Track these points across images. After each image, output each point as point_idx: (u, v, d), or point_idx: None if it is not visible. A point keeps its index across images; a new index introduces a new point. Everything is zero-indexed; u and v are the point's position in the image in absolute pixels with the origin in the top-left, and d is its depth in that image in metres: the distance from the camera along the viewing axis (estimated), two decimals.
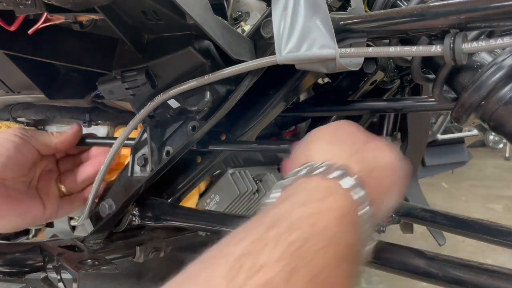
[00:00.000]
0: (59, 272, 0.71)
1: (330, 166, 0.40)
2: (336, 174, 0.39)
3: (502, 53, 0.46)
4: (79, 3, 0.43)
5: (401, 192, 0.48)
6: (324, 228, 0.34)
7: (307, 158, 0.44)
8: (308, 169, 0.40)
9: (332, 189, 0.38)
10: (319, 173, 0.39)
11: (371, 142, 0.47)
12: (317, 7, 0.48)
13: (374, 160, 0.44)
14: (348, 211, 0.37)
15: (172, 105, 0.65)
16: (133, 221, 0.75)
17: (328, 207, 0.36)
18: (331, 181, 0.39)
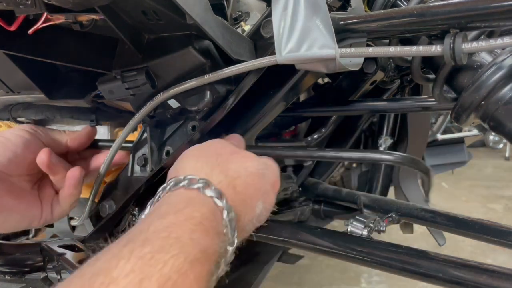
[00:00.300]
0: (59, 272, 0.71)
1: (192, 179, 0.44)
2: (197, 185, 0.43)
3: (502, 53, 0.46)
4: (79, 3, 0.43)
5: (270, 196, 0.52)
6: (177, 238, 0.36)
7: (175, 173, 0.48)
8: (173, 183, 0.44)
9: (194, 199, 0.42)
10: (182, 185, 0.44)
11: (237, 154, 0.52)
12: (317, 7, 0.48)
13: (237, 170, 0.49)
14: (207, 217, 0.41)
15: (172, 105, 0.65)
16: (133, 221, 0.75)
17: (185, 218, 0.39)
18: (193, 191, 0.43)
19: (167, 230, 0.37)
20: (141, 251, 0.34)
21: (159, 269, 0.33)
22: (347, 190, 0.86)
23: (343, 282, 1.82)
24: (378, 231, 0.60)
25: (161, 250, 0.34)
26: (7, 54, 0.62)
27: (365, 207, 0.73)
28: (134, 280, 0.31)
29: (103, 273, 0.32)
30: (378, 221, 0.60)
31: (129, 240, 0.36)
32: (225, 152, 0.51)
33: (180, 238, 0.37)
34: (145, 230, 0.37)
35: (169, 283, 0.32)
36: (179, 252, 0.35)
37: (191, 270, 0.35)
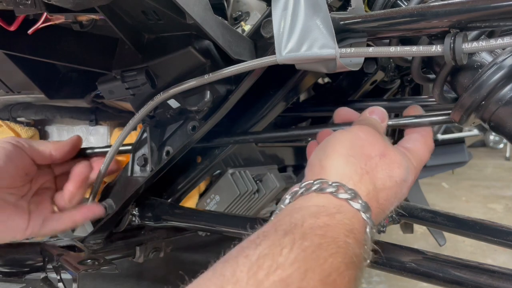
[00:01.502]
0: (59, 272, 0.71)
1: (341, 187, 0.43)
2: (345, 196, 0.42)
3: (502, 53, 0.45)
4: (79, 3, 0.43)
5: (404, 196, 0.51)
6: (334, 238, 0.37)
7: (321, 171, 0.47)
8: (319, 185, 0.44)
9: (342, 207, 0.42)
10: (329, 192, 0.43)
11: (386, 158, 0.48)
12: (317, 7, 0.48)
13: (385, 179, 0.47)
14: (355, 227, 0.41)
15: (172, 105, 0.65)
16: (133, 221, 0.75)
17: (337, 222, 0.40)
18: (341, 201, 0.42)
19: (322, 229, 0.38)
20: (302, 244, 0.35)
21: (320, 264, 0.34)
22: None
23: None
24: (378, 231, 0.60)
25: (320, 247, 0.35)
26: (7, 54, 0.62)
27: None
28: (299, 270, 0.33)
29: (269, 257, 0.33)
30: None
31: (287, 231, 0.37)
32: (375, 153, 0.48)
33: (336, 239, 0.37)
34: (300, 225, 0.38)
35: (329, 279, 0.34)
36: (337, 252, 0.36)
37: (346, 271, 0.36)
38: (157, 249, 0.87)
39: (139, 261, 0.85)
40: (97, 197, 0.76)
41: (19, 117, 0.86)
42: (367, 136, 0.50)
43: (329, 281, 0.34)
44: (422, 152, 0.54)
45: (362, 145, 0.49)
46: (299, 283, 0.32)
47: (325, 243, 0.36)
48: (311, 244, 0.35)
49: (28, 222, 0.64)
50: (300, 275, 0.32)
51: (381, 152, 0.49)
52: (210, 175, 0.82)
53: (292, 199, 0.44)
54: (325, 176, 0.45)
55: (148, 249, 0.85)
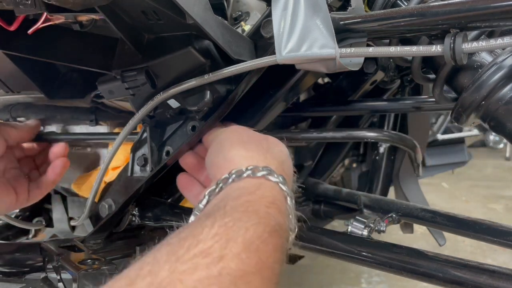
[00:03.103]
0: (59, 272, 0.71)
1: (256, 168, 0.45)
2: (262, 173, 0.45)
3: (502, 53, 0.46)
4: (79, 3, 0.43)
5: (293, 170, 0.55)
6: (255, 211, 0.39)
7: (228, 164, 0.49)
8: (235, 175, 0.45)
9: (261, 184, 0.44)
10: (247, 175, 0.45)
11: (270, 139, 0.54)
12: (317, 7, 0.48)
13: (280, 154, 0.52)
14: (277, 198, 0.43)
15: (172, 105, 0.65)
16: (133, 221, 0.75)
17: (259, 196, 0.42)
18: (260, 179, 0.45)
19: (243, 205, 0.39)
20: (222, 220, 0.36)
21: (242, 233, 0.35)
22: (347, 190, 0.86)
23: (343, 282, 1.82)
24: (378, 231, 0.60)
25: (241, 219, 0.37)
26: (7, 54, 0.62)
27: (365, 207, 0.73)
28: (220, 240, 0.34)
29: (190, 237, 0.34)
30: (378, 221, 0.60)
31: (209, 215, 0.38)
32: (260, 138, 0.53)
33: (257, 211, 0.39)
34: (222, 208, 0.39)
35: (253, 246, 0.35)
36: (258, 222, 0.37)
37: (270, 239, 0.37)
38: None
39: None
40: (97, 197, 0.76)
41: (19, 117, 0.86)
42: (244, 129, 0.56)
43: (252, 248, 0.34)
44: None
45: (247, 134, 0.54)
46: (220, 251, 0.33)
47: (245, 216, 0.37)
48: (232, 219, 0.37)
49: (16, 193, 0.71)
50: (221, 245, 0.33)
51: (263, 137, 0.54)
52: None
53: (211, 197, 0.45)
54: (236, 165, 0.47)
55: (148, 249, 0.85)
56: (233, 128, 0.57)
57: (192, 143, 0.65)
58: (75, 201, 0.99)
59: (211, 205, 0.43)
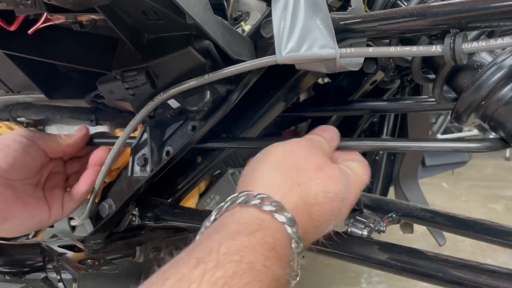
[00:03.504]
0: (59, 272, 0.71)
1: (267, 198, 0.41)
2: (269, 208, 0.40)
3: (502, 53, 0.46)
4: (79, 3, 0.43)
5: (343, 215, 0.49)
6: (250, 263, 0.35)
7: (250, 182, 0.44)
8: (244, 198, 0.41)
9: (264, 222, 0.39)
10: (253, 204, 0.40)
11: (322, 172, 0.46)
12: (317, 7, 0.48)
13: (318, 193, 0.44)
14: (278, 244, 0.38)
15: (172, 105, 0.65)
16: (133, 221, 0.75)
17: (257, 241, 0.37)
18: (265, 214, 0.40)
19: (239, 253, 0.35)
20: (213, 275, 0.32)
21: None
22: None
23: (343, 282, 1.82)
24: (378, 231, 0.60)
25: (234, 277, 0.33)
26: (7, 54, 0.62)
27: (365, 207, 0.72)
28: None
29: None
30: (378, 221, 0.60)
31: (199, 260, 0.34)
32: (309, 166, 0.46)
33: (254, 264, 0.35)
34: (215, 251, 0.35)
35: None
36: (253, 280, 0.33)
37: None
38: (157, 249, 0.87)
39: (139, 261, 0.85)
40: (97, 197, 0.76)
41: (19, 117, 0.86)
42: (304, 149, 0.48)
43: None
44: (362, 171, 0.52)
45: (297, 157, 0.47)
46: None
47: (240, 271, 0.33)
48: (223, 275, 0.32)
49: (49, 209, 0.66)
50: None
51: (317, 166, 0.46)
52: (210, 175, 0.82)
53: (217, 215, 0.42)
54: (253, 187, 0.43)
55: (148, 249, 0.85)
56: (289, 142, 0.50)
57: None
58: None
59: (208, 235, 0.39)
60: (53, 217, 0.67)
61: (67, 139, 0.71)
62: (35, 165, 0.66)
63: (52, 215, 0.67)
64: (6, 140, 0.65)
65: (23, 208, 0.63)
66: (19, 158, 0.63)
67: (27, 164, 0.65)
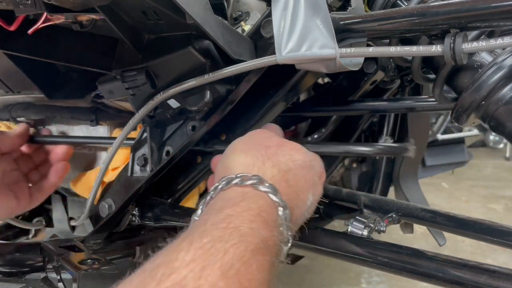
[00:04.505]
0: (59, 272, 0.71)
1: (245, 176, 0.43)
2: (251, 181, 0.43)
3: (502, 53, 0.45)
4: (79, 3, 0.43)
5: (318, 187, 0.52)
6: (236, 227, 0.36)
7: (225, 171, 0.47)
8: (225, 182, 0.44)
9: (248, 193, 0.42)
10: (234, 183, 0.43)
11: (285, 145, 0.51)
12: (317, 7, 0.48)
13: (288, 162, 0.48)
14: (264, 209, 0.40)
15: (172, 105, 0.65)
16: (133, 221, 0.75)
17: (243, 209, 0.39)
18: (247, 187, 0.43)
19: (224, 221, 0.37)
20: (200, 241, 0.34)
21: (221, 257, 0.32)
22: (347, 190, 0.86)
23: (343, 282, 1.82)
24: (378, 231, 0.60)
25: (220, 240, 0.34)
26: (7, 54, 0.62)
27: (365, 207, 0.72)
28: (195, 269, 0.31)
29: (163, 266, 0.32)
30: (378, 221, 0.60)
31: (187, 235, 0.36)
32: (272, 144, 0.51)
33: (239, 227, 0.36)
34: (203, 224, 0.37)
35: (232, 271, 0.32)
36: (239, 241, 0.34)
37: (253, 259, 0.34)
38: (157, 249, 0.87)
39: (139, 261, 0.85)
40: (97, 197, 0.76)
41: (19, 117, 0.86)
42: (262, 133, 0.54)
43: (231, 273, 0.32)
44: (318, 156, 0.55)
45: (258, 139, 0.52)
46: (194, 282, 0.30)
47: (226, 235, 0.35)
48: (210, 240, 0.34)
49: (18, 200, 0.71)
50: (195, 274, 0.31)
51: (278, 143, 0.51)
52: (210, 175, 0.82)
53: (203, 207, 0.44)
54: (229, 173, 0.45)
55: (148, 249, 0.85)
56: (250, 133, 0.55)
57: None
58: (75, 201, 0.99)
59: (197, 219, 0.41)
60: (22, 206, 0.72)
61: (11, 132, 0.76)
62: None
63: (21, 204, 0.72)
64: None
65: None
66: None
67: None
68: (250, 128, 0.69)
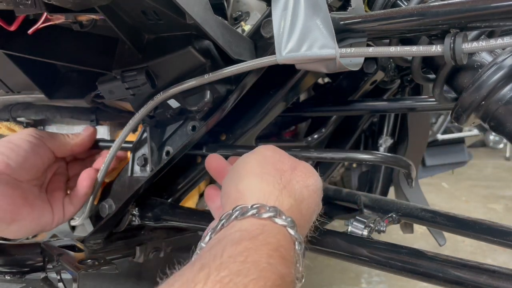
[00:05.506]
0: (59, 272, 0.71)
1: (262, 207, 0.42)
2: (268, 214, 0.41)
3: (502, 53, 0.46)
4: (79, 3, 0.43)
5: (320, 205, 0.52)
6: (255, 262, 0.35)
7: (237, 195, 0.45)
8: (239, 211, 0.42)
9: (266, 226, 0.40)
10: (251, 214, 0.41)
11: (297, 170, 0.49)
12: (317, 7, 0.48)
13: (302, 190, 0.47)
14: (282, 244, 0.39)
15: (172, 105, 0.65)
16: (133, 221, 0.75)
17: (261, 242, 0.38)
18: (264, 220, 0.41)
19: (243, 254, 0.35)
20: (217, 275, 0.32)
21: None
22: (347, 190, 0.86)
23: (343, 282, 1.82)
24: (378, 231, 0.60)
25: (239, 274, 0.33)
26: (7, 54, 0.62)
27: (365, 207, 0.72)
28: None
29: None
30: (378, 221, 0.60)
31: (203, 265, 0.34)
32: (286, 167, 0.49)
33: (258, 262, 0.35)
34: (219, 256, 0.35)
35: None
36: (258, 277, 0.33)
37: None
38: (157, 249, 0.87)
39: (139, 261, 0.85)
40: (97, 197, 0.76)
41: (19, 117, 0.86)
42: (274, 153, 0.51)
43: None
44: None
45: (272, 162, 0.49)
46: None
47: (244, 269, 0.33)
48: (228, 273, 0.33)
49: (53, 213, 0.66)
50: None
51: (291, 166, 0.49)
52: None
53: (213, 234, 0.42)
54: (244, 200, 0.43)
55: (148, 249, 0.85)
56: (258, 151, 0.52)
57: None
58: None
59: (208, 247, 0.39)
60: (56, 221, 0.67)
61: (74, 137, 0.71)
62: (43, 166, 0.66)
63: (55, 218, 0.66)
64: (16, 140, 0.64)
65: (31, 209, 0.62)
66: (28, 158, 0.63)
67: (36, 164, 0.64)
68: (250, 128, 0.69)
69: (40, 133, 0.67)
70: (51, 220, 0.66)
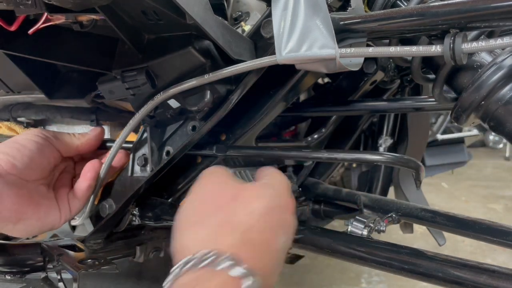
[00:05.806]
0: (60, 272, 0.71)
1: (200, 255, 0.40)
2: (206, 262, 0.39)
3: (502, 53, 0.46)
4: (79, 3, 0.43)
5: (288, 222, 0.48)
6: None
7: (182, 251, 0.43)
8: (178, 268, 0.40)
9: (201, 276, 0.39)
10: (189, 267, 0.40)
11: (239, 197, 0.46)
12: (317, 7, 0.48)
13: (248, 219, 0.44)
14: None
15: (172, 105, 0.65)
16: (133, 221, 0.75)
17: None
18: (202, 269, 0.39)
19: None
20: None
21: None
22: (347, 190, 0.86)
23: (343, 282, 1.82)
24: (378, 231, 0.60)
25: None
26: (7, 54, 0.62)
27: (365, 207, 0.73)
28: None
29: None
30: (378, 221, 0.60)
31: None
32: (226, 199, 0.47)
33: None
34: None
35: None
36: None
37: None
38: (157, 249, 0.87)
39: (139, 261, 0.85)
40: (97, 197, 0.76)
41: (19, 117, 0.86)
42: (214, 185, 0.50)
43: None
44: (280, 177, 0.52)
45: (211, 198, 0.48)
46: None
47: None
48: None
49: (60, 210, 0.66)
50: None
51: (233, 196, 0.47)
52: None
53: None
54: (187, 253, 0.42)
55: (148, 249, 0.85)
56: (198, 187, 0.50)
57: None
58: None
59: None
60: (63, 217, 0.66)
61: (81, 137, 0.70)
62: (49, 165, 0.66)
63: (62, 215, 0.66)
64: (22, 140, 0.64)
65: (37, 209, 0.62)
66: (34, 158, 0.63)
67: (42, 164, 0.64)
68: (250, 128, 0.69)
69: (46, 133, 0.67)
70: (58, 218, 0.66)
